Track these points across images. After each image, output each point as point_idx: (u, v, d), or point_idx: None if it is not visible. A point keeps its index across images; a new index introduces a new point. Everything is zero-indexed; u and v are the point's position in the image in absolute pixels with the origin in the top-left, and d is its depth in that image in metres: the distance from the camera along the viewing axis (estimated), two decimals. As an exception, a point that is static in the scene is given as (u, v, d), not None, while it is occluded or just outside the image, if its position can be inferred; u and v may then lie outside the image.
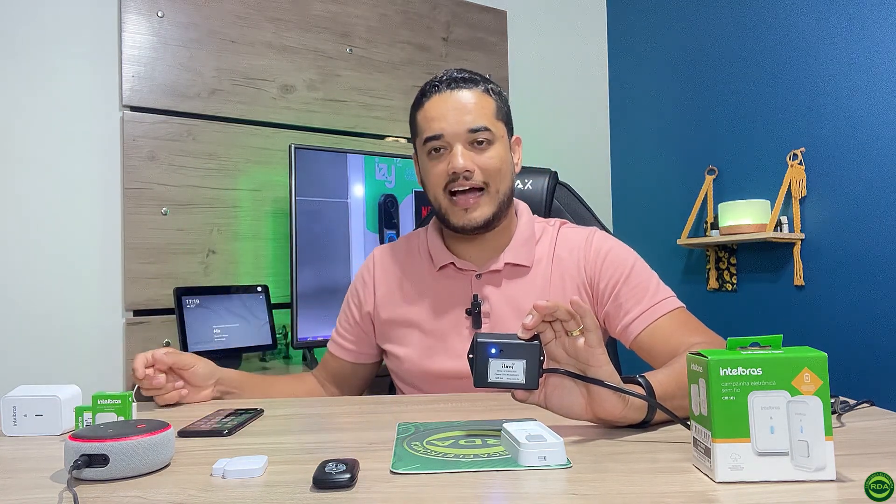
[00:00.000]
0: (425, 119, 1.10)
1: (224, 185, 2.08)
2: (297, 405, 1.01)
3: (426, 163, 1.11)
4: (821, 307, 2.14)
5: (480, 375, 0.75)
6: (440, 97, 1.09)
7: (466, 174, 1.06)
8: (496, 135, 1.09)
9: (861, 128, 2.04)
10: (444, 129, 1.07)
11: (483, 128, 1.07)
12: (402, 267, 1.20)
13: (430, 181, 1.11)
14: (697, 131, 2.57)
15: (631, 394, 0.75)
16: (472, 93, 1.09)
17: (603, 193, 2.96)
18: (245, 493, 0.59)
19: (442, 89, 1.09)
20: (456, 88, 1.09)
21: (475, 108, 1.08)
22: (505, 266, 1.13)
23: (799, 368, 0.59)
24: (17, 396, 0.83)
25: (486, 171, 1.07)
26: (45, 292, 1.84)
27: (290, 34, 2.21)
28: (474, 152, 1.07)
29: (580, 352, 0.75)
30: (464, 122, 1.06)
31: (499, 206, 1.09)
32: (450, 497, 0.57)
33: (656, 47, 2.76)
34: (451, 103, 1.08)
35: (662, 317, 1.04)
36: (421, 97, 1.12)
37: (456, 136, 1.06)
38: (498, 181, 1.09)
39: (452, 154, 1.06)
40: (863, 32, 2.03)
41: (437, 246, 1.17)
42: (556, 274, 1.13)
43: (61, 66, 1.88)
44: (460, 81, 1.09)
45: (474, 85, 1.10)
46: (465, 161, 1.05)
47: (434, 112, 1.08)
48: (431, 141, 1.08)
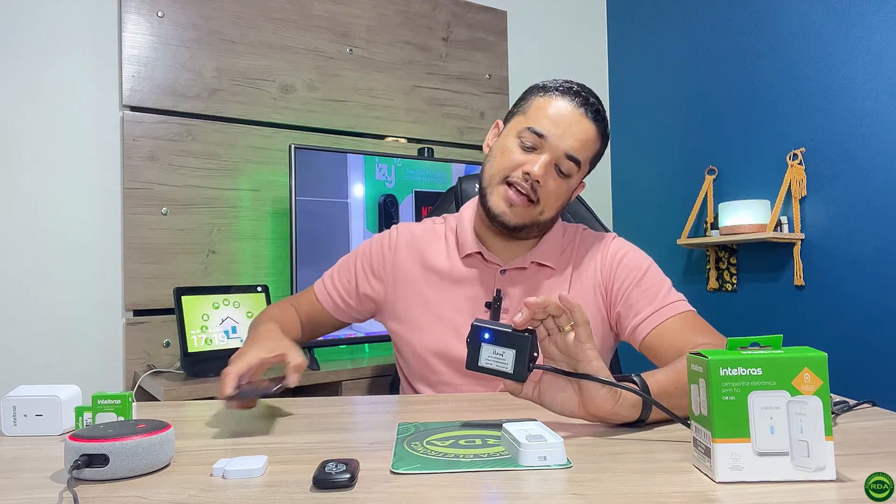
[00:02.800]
0: (543, 111, 1.07)
1: (224, 185, 2.08)
2: (297, 405, 1.01)
3: (510, 141, 1.09)
4: (821, 307, 2.14)
5: (472, 358, 0.77)
6: (570, 106, 1.07)
7: (534, 184, 1.06)
8: (580, 173, 1.10)
9: (861, 128, 2.04)
10: (550, 133, 1.06)
11: (577, 161, 1.07)
12: (425, 249, 1.19)
13: (500, 159, 1.09)
14: (697, 131, 2.57)
15: (619, 386, 0.75)
16: (594, 127, 1.08)
17: (603, 193, 2.96)
18: (245, 493, 0.59)
19: (577, 102, 1.07)
20: (586, 113, 1.07)
21: (585, 140, 1.07)
22: (531, 265, 1.14)
23: (799, 368, 0.59)
24: (17, 396, 0.82)
25: (549, 193, 1.07)
26: (46, 292, 1.84)
27: (290, 34, 2.21)
28: (552, 172, 1.07)
29: (571, 347, 0.76)
30: (569, 144, 1.06)
31: (533, 222, 1.10)
32: (450, 497, 0.57)
33: (656, 47, 2.76)
34: (572, 118, 1.06)
35: (671, 318, 1.04)
36: (554, 88, 1.09)
37: (554, 148, 1.06)
38: (549, 207, 1.09)
39: (537, 159, 1.06)
40: (863, 32, 2.03)
41: (466, 234, 1.16)
42: (576, 276, 1.14)
43: (61, 66, 1.88)
44: (593, 111, 1.08)
45: (600, 122, 1.09)
46: (541, 171, 1.05)
47: (555, 113, 1.07)
48: (531, 133, 1.07)
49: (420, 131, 2.46)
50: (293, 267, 1.95)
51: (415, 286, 1.17)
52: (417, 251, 1.19)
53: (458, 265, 1.16)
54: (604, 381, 0.75)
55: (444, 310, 1.14)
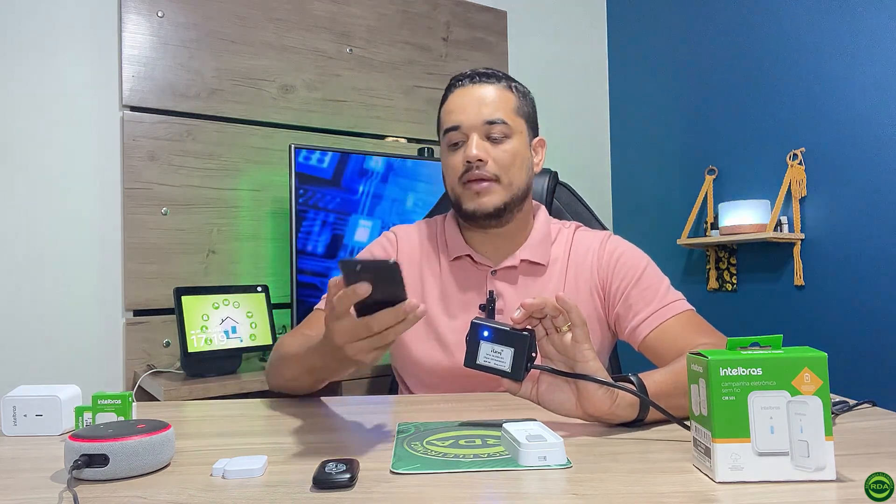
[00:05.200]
0: (446, 112, 1.12)
1: (224, 185, 2.08)
2: (297, 405, 1.01)
3: (445, 155, 1.13)
4: (821, 307, 2.14)
5: (470, 356, 0.77)
6: (462, 90, 1.11)
7: (479, 164, 1.07)
8: (514, 130, 1.09)
9: (861, 128, 2.04)
10: (461, 120, 1.08)
11: (500, 121, 1.08)
12: (420, 253, 1.19)
13: (448, 172, 1.12)
14: (697, 131, 2.57)
15: (615, 386, 0.75)
16: (494, 87, 1.10)
17: (603, 193, 2.96)
18: (245, 493, 0.59)
19: (465, 83, 1.11)
20: (478, 83, 1.10)
21: (494, 101, 1.09)
22: (521, 263, 1.13)
23: (799, 368, 0.59)
24: (17, 396, 0.82)
25: (499, 162, 1.08)
26: (46, 292, 1.84)
27: (290, 34, 2.21)
28: (490, 144, 1.08)
29: (568, 348, 0.76)
30: (481, 114, 1.08)
31: (511, 198, 1.09)
32: (450, 497, 0.57)
33: (656, 47, 2.76)
34: (471, 96, 1.09)
35: (671, 318, 1.04)
36: (446, 92, 1.14)
37: (472, 127, 1.08)
38: (511, 174, 1.09)
39: (468, 144, 1.08)
40: (863, 32, 2.03)
41: (454, 236, 1.16)
42: (571, 275, 1.13)
43: (61, 65, 1.88)
44: (483, 76, 1.11)
45: (496, 80, 1.11)
46: (478, 151, 1.06)
47: (454, 105, 1.10)
48: (450, 132, 1.10)
49: (420, 131, 2.46)
50: (293, 267, 1.95)
51: (414, 295, 1.15)
52: (415, 257, 1.19)
53: (450, 269, 1.15)
54: (600, 382, 0.75)
55: (439, 316, 1.13)
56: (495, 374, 0.77)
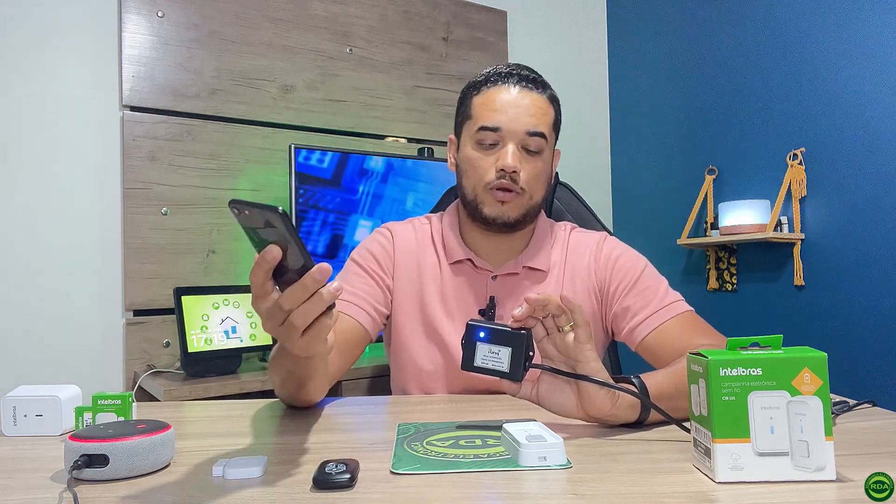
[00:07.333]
0: (485, 107, 1.06)
1: (224, 185, 2.08)
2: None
3: (472, 151, 1.07)
4: (821, 307, 2.14)
5: (467, 358, 0.76)
6: (506, 89, 1.05)
7: (514, 175, 1.04)
8: (548, 144, 1.08)
9: (861, 128, 2.04)
10: (503, 123, 1.04)
11: (541, 134, 1.05)
12: (416, 252, 1.15)
13: (472, 170, 1.07)
14: (697, 131, 2.57)
15: (616, 388, 0.75)
16: (540, 97, 1.06)
17: (603, 193, 2.96)
18: (245, 493, 0.59)
19: (512, 82, 1.06)
20: (525, 88, 1.06)
21: (538, 112, 1.05)
22: (522, 269, 1.12)
23: (799, 368, 0.59)
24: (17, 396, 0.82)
25: (530, 176, 1.06)
26: (46, 292, 1.84)
27: (290, 34, 2.21)
28: (524, 154, 1.05)
29: (570, 348, 0.76)
30: (524, 123, 1.04)
31: (528, 210, 1.08)
32: (450, 497, 0.57)
33: (656, 47, 2.76)
34: (517, 100, 1.04)
35: (670, 319, 1.03)
36: (484, 82, 1.08)
37: (513, 133, 1.04)
38: (536, 188, 1.07)
39: (504, 152, 1.04)
40: (863, 32, 2.03)
41: (452, 239, 1.13)
42: (569, 279, 1.12)
43: (61, 66, 1.88)
44: (531, 82, 1.06)
45: (542, 90, 1.07)
46: (514, 162, 1.03)
47: (497, 103, 1.05)
48: (486, 131, 1.05)
49: (420, 131, 2.46)
50: (293, 267, 1.95)
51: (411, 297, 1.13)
52: (412, 256, 1.15)
53: (449, 273, 1.13)
54: (601, 383, 0.74)
55: (438, 320, 1.11)
56: (493, 375, 0.76)
